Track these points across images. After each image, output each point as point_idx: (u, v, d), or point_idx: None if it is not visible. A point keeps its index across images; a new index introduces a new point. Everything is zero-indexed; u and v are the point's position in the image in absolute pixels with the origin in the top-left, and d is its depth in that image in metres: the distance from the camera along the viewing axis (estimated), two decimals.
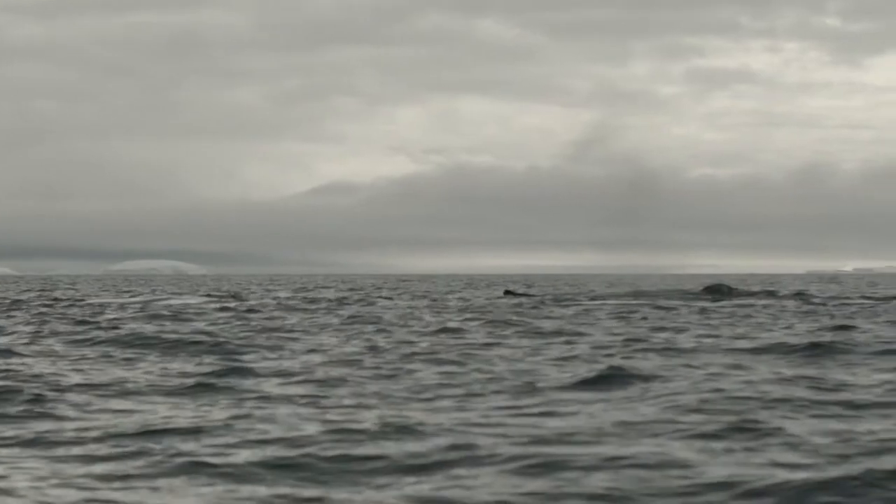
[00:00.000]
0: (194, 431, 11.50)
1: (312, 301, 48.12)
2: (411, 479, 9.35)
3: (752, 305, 40.35)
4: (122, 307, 42.30)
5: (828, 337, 22.42)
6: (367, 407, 13.28)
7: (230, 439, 11.09)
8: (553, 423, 11.85)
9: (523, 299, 47.95)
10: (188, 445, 10.66)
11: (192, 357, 19.66)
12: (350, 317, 33.57)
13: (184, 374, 16.78)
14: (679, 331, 26.01)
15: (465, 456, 10.11)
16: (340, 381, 15.82)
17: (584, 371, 16.53)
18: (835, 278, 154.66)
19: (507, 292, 52.21)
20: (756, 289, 56.20)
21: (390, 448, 10.51)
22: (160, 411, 13.03)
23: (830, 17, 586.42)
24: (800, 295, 51.18)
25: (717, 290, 50.56)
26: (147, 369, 17.61)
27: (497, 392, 14.55)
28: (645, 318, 31.60)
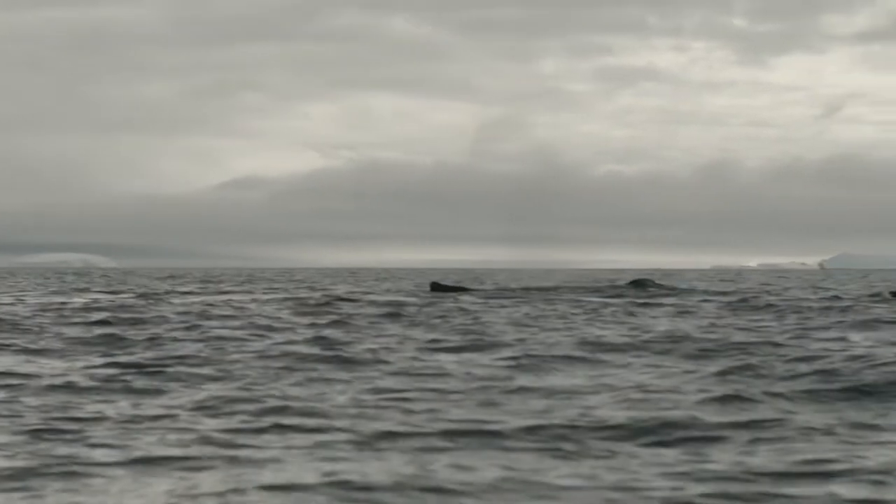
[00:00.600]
0: (101, 421, 11.68)
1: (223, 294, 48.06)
2: (327, 460, 9.60)
3: (689, 301, 40.57)
4: (22, 301, 41.94)
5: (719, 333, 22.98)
6: (270, 397, 13.47)
7: (136, 429, 11.27)
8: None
9: (454, 293, 47.43)
10: (104, 435, 10.80)
11: (97, 353, 19.64)
12: (282, 311, 33.55)
13: (90, 368, 16.84)
14: (612, 323, 26.56)
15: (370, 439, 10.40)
16: (247, 370, 16.01)
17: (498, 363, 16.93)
18: (739, 274, 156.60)
19: (435, 285, 50.51)
20: (683, 285, 56.77)
21: (299, 436, 10.78)
22: (74, 402, 13.12)
23: (737, 18, 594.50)
24: (724, 292, 51.39)
25: (642, 285, 51.30)
26: (53, 365, 17.59)
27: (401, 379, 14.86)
28: (582, 312, 31.95)
